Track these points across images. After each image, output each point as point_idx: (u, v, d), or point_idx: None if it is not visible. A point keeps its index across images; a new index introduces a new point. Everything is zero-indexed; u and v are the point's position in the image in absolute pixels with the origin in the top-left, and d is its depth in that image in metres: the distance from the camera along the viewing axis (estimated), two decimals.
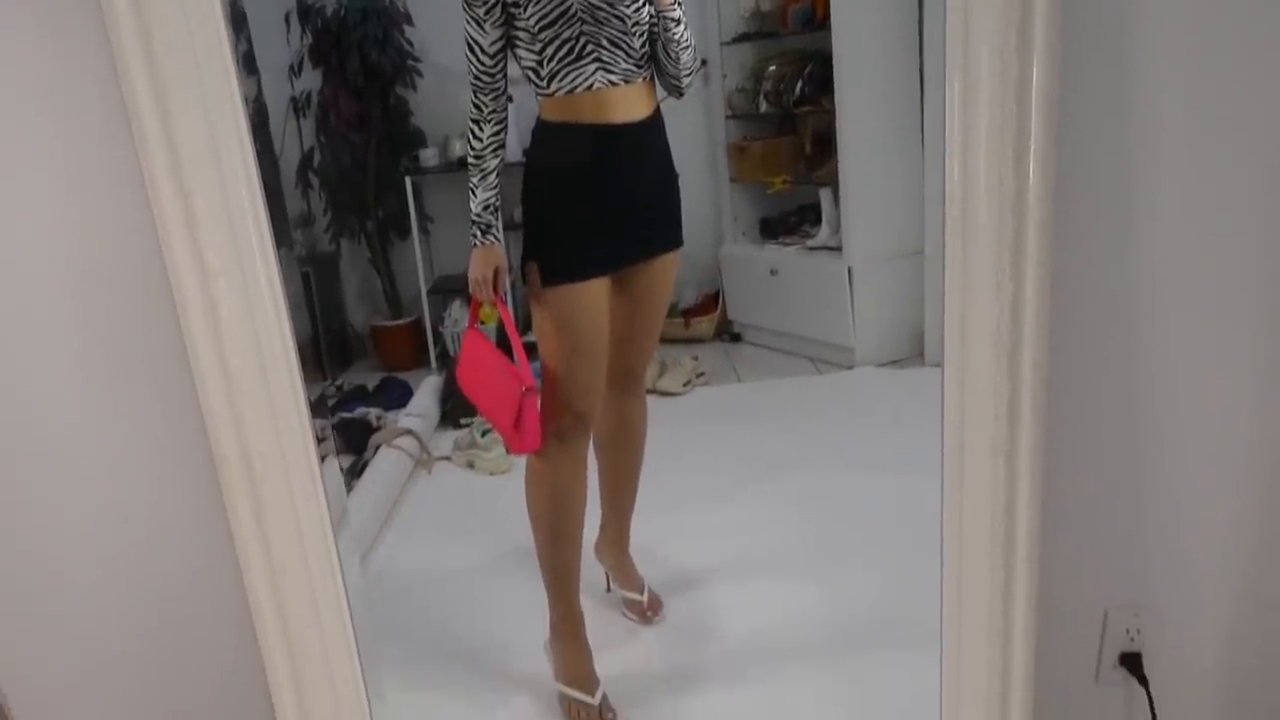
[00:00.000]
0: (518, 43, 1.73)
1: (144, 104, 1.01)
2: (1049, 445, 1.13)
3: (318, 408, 3.58)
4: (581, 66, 1.70)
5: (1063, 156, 1.10)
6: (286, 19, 3.92)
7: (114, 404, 1.22)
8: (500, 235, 1.83)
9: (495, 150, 1.79)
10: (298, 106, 4.03)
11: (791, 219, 4.27)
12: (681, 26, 1.77)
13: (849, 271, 3.77)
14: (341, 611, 1.16)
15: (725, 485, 2.79)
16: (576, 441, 1.84)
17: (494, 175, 1.79)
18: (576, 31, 1.68)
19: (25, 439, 1.23)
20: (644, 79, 1.77)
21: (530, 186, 1.80)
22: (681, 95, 1.86)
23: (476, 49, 1.73)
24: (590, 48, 1.69)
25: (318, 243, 4.29)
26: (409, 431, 3.06)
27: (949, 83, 1.03)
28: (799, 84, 3.88)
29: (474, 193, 1.79)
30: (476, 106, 1.78)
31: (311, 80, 4.01)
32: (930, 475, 1.23)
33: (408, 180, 3.99)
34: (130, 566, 1.29)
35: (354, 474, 2.90)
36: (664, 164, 1.86)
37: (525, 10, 1.67)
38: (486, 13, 1.70)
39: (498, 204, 1.81)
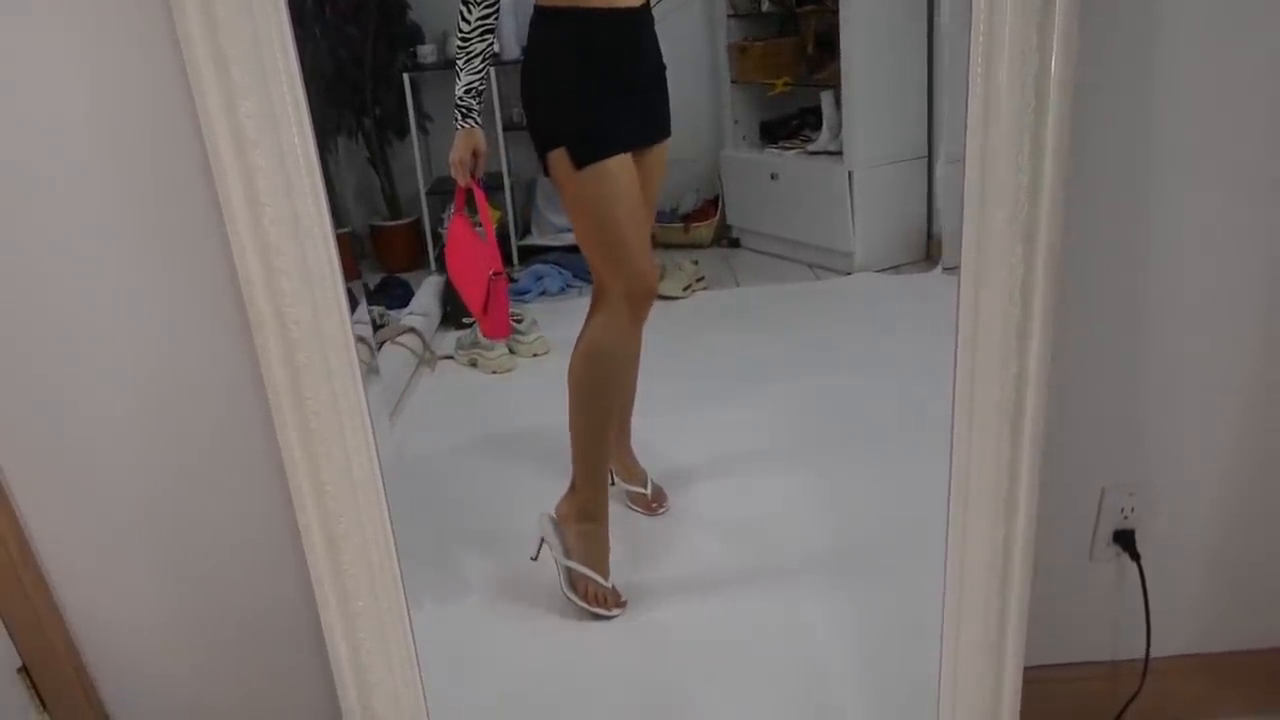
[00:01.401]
0: None
1: None
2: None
3: None
4: None
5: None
6: None
7: (146, 263, 1.24)
8: (479, 119, 1.88)
9: (482, 34, 1.81)
10: None
11: (792, 122, 4.24)
12: None
13: (849, 176, 3.76)
14: (375, 477, 1.20)
15: (725, 386, 2.83)
16: (644, 307, 1.90)
17: (479, 60, 1.82)
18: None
19: (56, 297, 1.25)
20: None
21: (536, 76, 1.81)
22: None
23: None
24: None
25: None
26: (412, 329, 3.08)
27: None
28: None
29: (459, 75, 1.83)
30: None
31: None
32: (930, 377, 1.26)
33: (405, 77, 3.93)
34: (162, 418, 1.33)
35: None
36: (657, 53, 1.89)
37: None
38: None
39: (481, 88, 1.85)
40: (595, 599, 1.87)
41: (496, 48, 1.89)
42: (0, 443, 1.32)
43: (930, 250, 3.94)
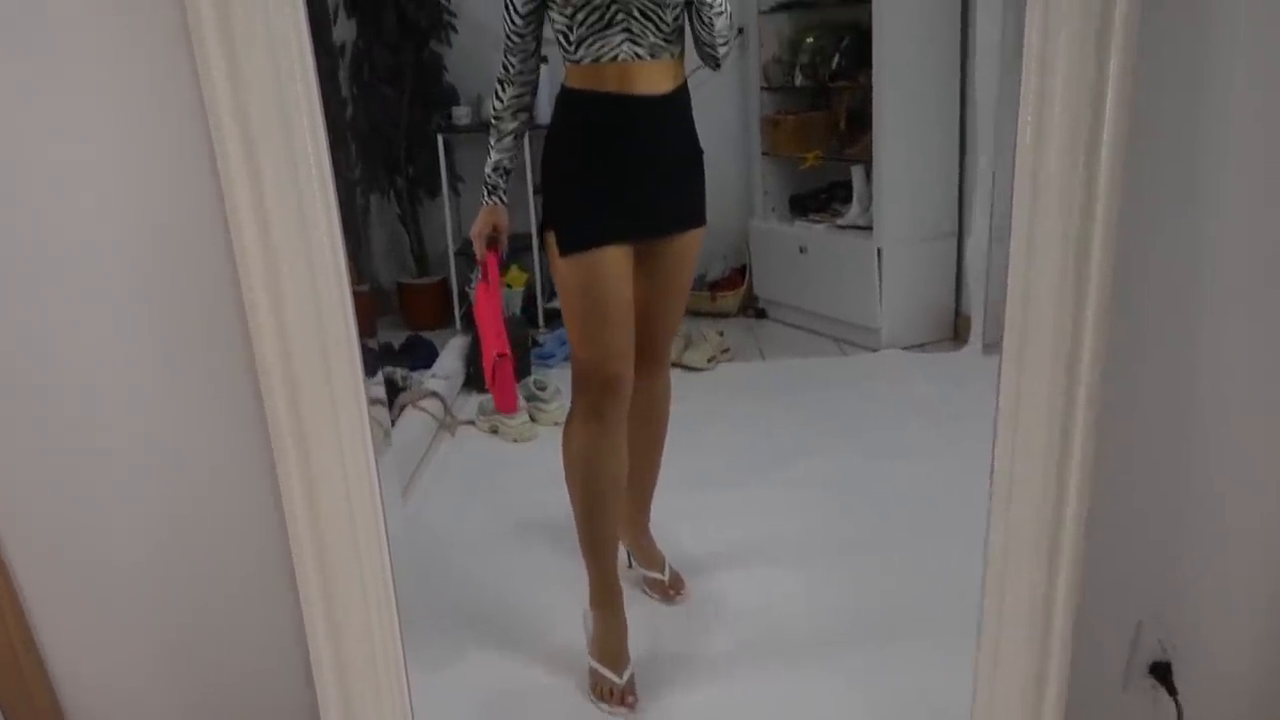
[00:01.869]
0: (551, 5, 1.71)
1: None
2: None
3: None
4: (609, 36, 1.68)
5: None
6: None
7: (166, 355, 1.23)
8: (505, 197, 1.87)
9: (515, 113, 1.82)
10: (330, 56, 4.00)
11: (822, 196, 4.24)
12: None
13: (878, 252, 3.74)
14: (382, 556, 1.17)
15: (747, 466, 2.79)
16: (610, 409, 1.82)
17: (510, 138, 1.83)
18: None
19: (75, 383, 1.24)
20: (672, 55, 1.75)
21: (548, 153, 1.80)
22: (718, 66, 1.82)
23: (510, 7, 1.74)
24: (620, 17, 1.67)
25: (345, 194, 4.27)
26: (434, 394, 3.06)
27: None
28: (835, 57, 3.83)
29: (489, 152, 1.84)
30: (504, 67, 1.80)
31: (346, 31, 3.97)
32: (954, 462, 1.22)
33: (439, 137, 3.97)
34: (174, 511, 1.30)
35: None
36: (687, 140, 1.84)
37: None
38: None
39: (509, 166, 1.84)
40: (605, 695, 1.82)
41: (532, 115, 1.90)
42: (8, 532, 1.30)
43: (958, 329, 3.91)
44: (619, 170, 1.76)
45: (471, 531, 2.51)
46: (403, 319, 4.41)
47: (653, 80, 1.73)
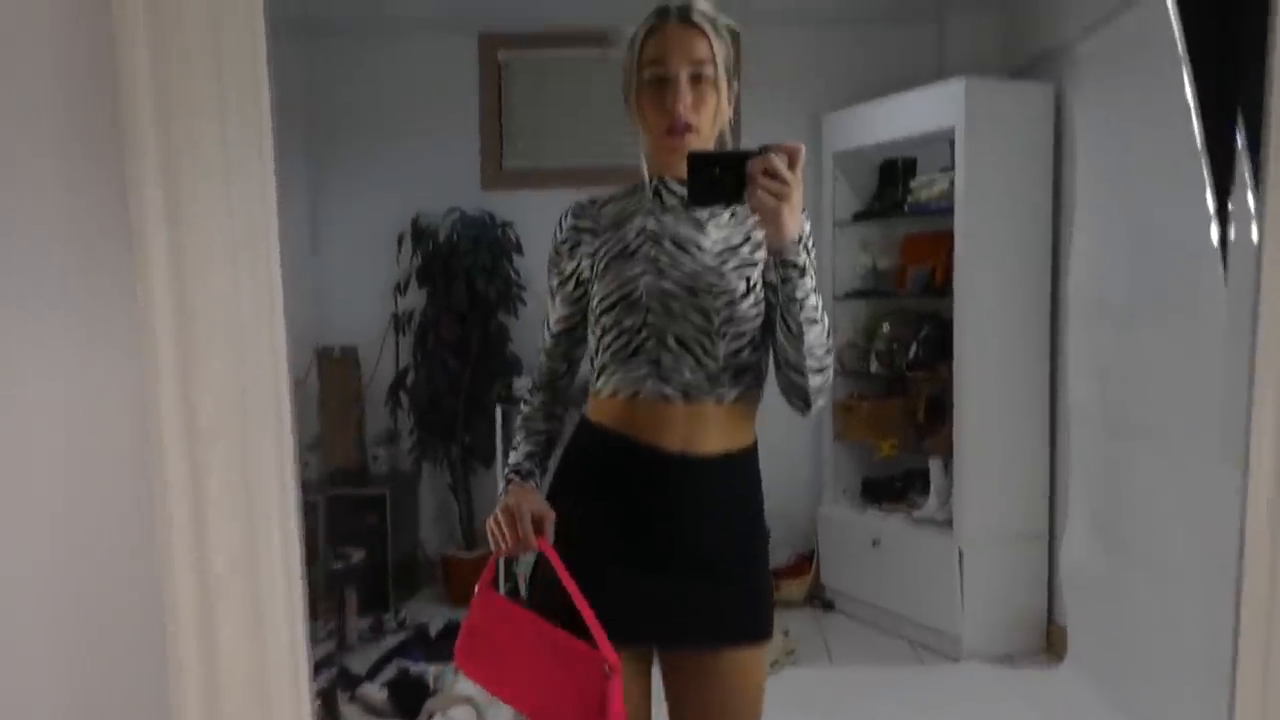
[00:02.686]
0: (592, 325, 1.50)
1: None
2: None
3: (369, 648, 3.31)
4: (632, 367, 1.42)
5: None
6: (399, 239, 3.95)
7: None
8: (540, 481, 1.51)
9: (548, 418, 1.57)
10: (399, 324, 3.99)
11: (897, 484, 3.98)
12: (808, 282, 1.35)
13: (959, 554, 3.42)
14: None
15: None
16: None
17: (542, 437, 1.55)
18: (639, 321, 1.40)
19: None
20: (720, 399, 1.41)
21: (554, 493, 1.49)
22: (808, 407, 1.42)
23: (546, 322, 1.58)
24: (650, 344, 1.41)
25: (399, 461, 4.15)
26: (468, 700, 2.75)
27: None
28: (913, 347, 3.68)
29: (516, 446, 1.54)
30: (539, 370, 1.59)
31: (416, 299, 3.98)
32: None
33: (498, 407, 3.85)
34: None
35: None
36: (739, 522, 1.45)
37: (593, 287, 1.47)
38: (560, 284, 1.53)
39: (544, 454, 1.54)
40: None
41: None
42: None
43: (1051, 640, 3.51)
44: (635, 545, 1.40)
45: None
46: (446, 592, 4.15)
47: (692, 432, 1.40)
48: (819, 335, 1.38)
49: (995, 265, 3.39)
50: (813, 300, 1.36)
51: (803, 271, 1.34)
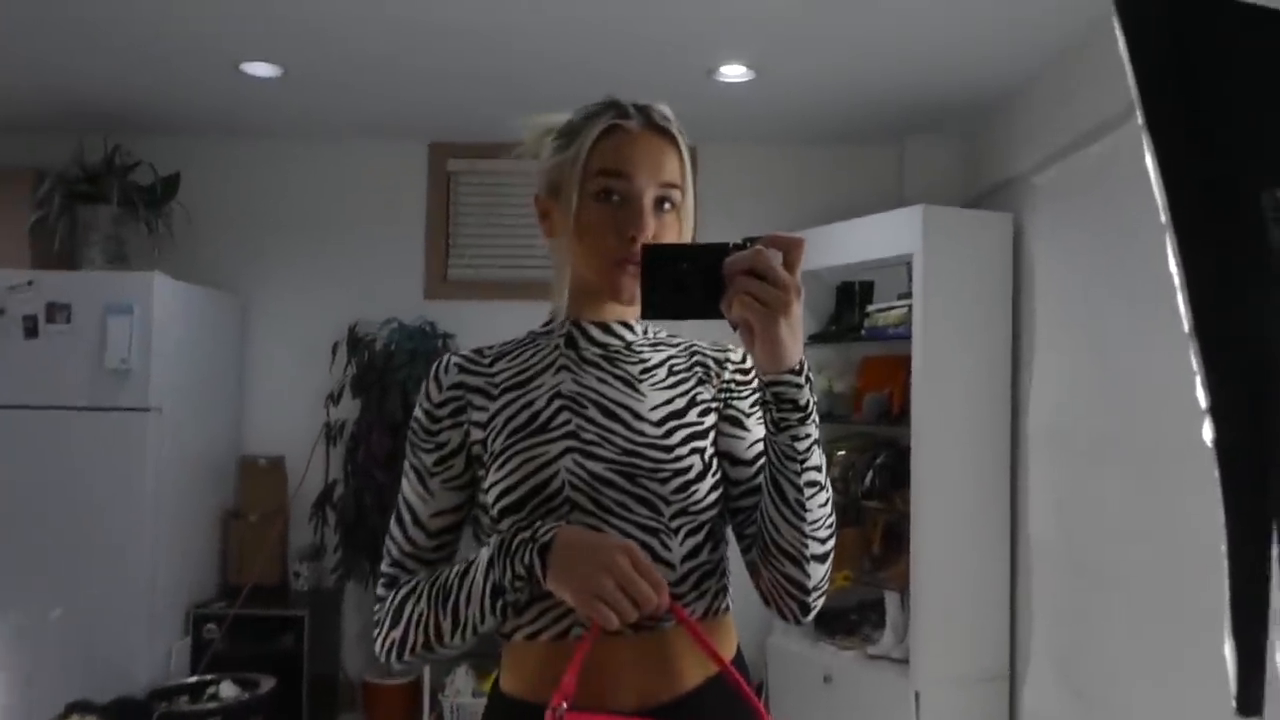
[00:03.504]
0: (477, 531, 1.14)
1: None
2: None
3: None
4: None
5: None
6: (334, 348, 3.79)
7: None
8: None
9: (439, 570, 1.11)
10: (330, 434, 3.79)
11: (851, 617, 3.79)
12: (812, 430, 1.01)
13: (916, 696, 3.22)
14: None
15: None
16: None
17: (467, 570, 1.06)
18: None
19: None
20: (676, 626, 1.04)
21: None
22: (806, 611, 1.08)
23: (404, 521, 1.12)
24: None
25: (323, 579, 3.89)
26: None
27: None
28: (869, 474, 3.54)
29: (445, 588, 1.05)
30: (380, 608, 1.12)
31: (349, 409, 3.80)
32: None
33: None
34: None
35: None
36: None
37: (487, 474, 1.08)
38: (438, 464, 1.11)
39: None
40: None
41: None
42: None
43: None
44: None
45: None
46: (366, 717, 3.86)
47: (644, 678, 1.05)
48: (824, 506, 1.03)
49: (953, 393, 3.29)
50: (817, 456, 1.02)
51: (805, 415, 0.99)
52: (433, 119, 3.84)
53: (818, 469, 1.02)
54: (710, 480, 1.09)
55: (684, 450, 1.09)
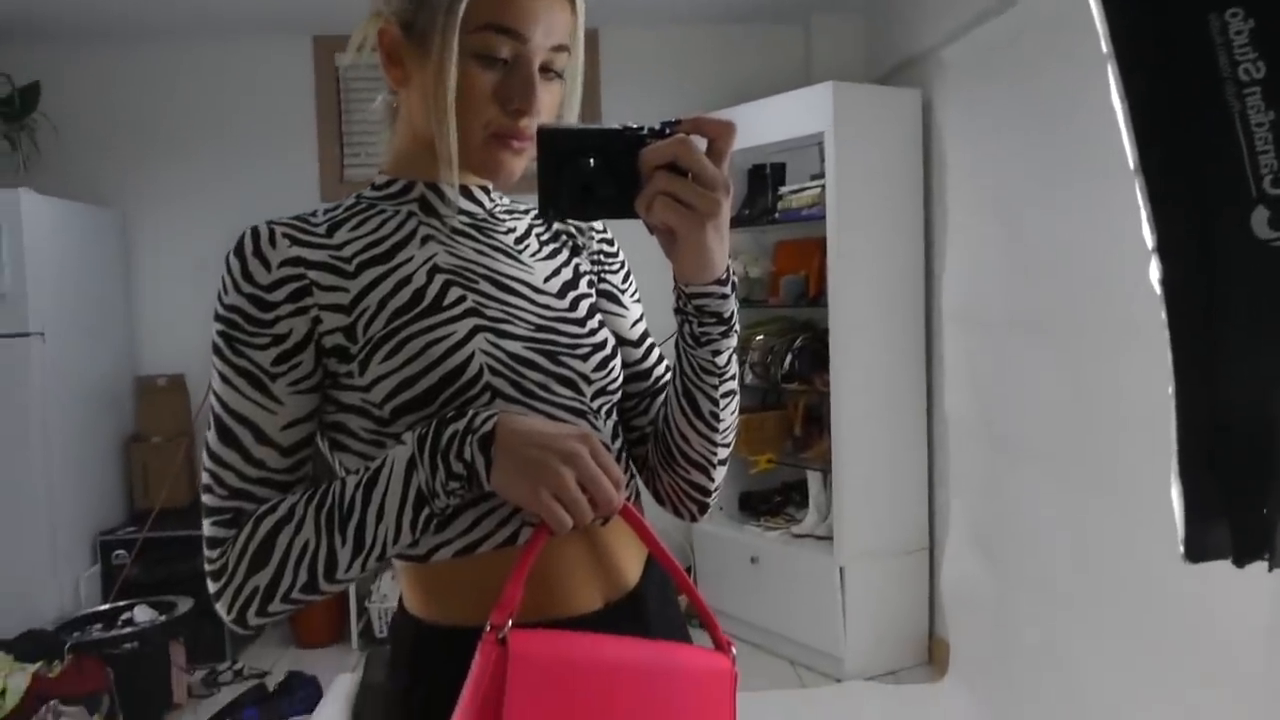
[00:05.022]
0: (345, 441, 0.92)
1: None
2: None
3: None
4: (492, 496, 0.88)
5: None
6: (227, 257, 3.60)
7: None
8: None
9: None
10: None
11: (776, 499, 3.86)
12: (733, 341, 0.94)
13: (840, 571, 3.30)
14: None
15: None
16: None
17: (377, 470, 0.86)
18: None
19: None
20: (627, 498, 0.89)
21: None
22: (704, 511, 1.04)
23: (244, 437, 0.87)
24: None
25: None
26: None
27: None
28: (789, 358, 3.55)
29: (377, 495, 0.84)
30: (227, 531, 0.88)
31: None
32: None
33: None
34: None
35: None
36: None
37: (362, 369, 0.88)
38: (281, 361, 0.87)
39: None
40: None
41: None
42: None
43: (933, 654, 3.43)
44: None
45: None
46: (292, 634, 3.80)
47: (607, 569, 0.94)
48: (735, 413, 0.98)
49: (868, 274, 3.29)
50: (734, 365, 0.95)
51: (729, 328, 0.92)
52: (315, 10, 3.59)
53: (734, 378, 0.96)
54: (618, 357, 1.00)
55: (594, 324, 0.99)
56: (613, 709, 0.81)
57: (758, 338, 3.66)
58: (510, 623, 0.78)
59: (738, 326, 0.94)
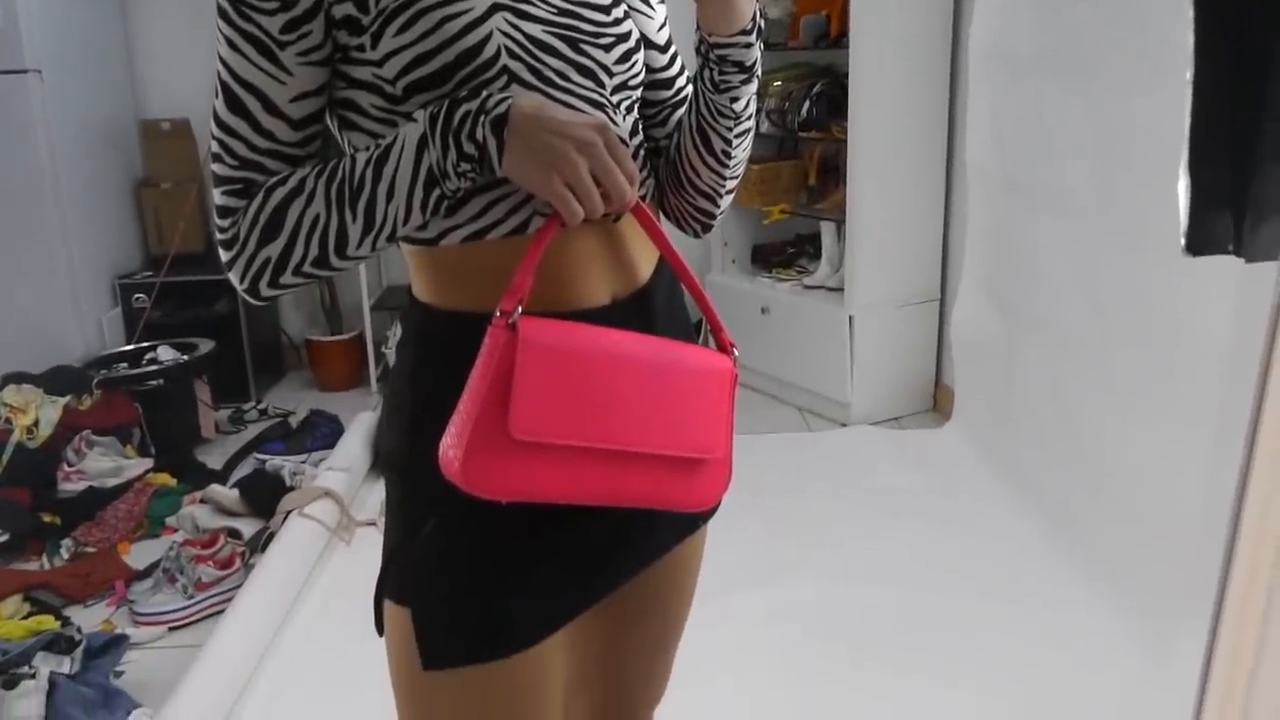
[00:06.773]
0: (355, 119, 0.88)
1: None
2: None
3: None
4: (503, 180, 0.84)
5: None
6: None
7: None
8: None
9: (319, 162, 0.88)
10: None
11: (788, 250, 3.83)
12: (754, 86, 0.93)
13: (850, 321, 3.33)
14: None
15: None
16: None
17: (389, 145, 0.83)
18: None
19: None
20: (642, 197, 0.90)
21: (406, 469, 0.90)
22: (706, 229, 1.05)
23: (252, 106, 0.84)
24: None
25: None
26: (327, 493, 2.58)
27: None
28: (806, 104, 3.42)
29: (389, 168, 0.82)
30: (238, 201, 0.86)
31: None
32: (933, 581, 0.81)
33: None
34: None
35: (257, 547, 2.43)
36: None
37: (375, 42, 0.82)
38: (291, 27, 0.81)
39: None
40: None
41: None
42: None
43: (938, 401, 3.52)
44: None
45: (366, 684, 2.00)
46: (313, 377, 3.93)
47: (619, 262, 0.91)
48: (746, 149, 0.98)
49: (893, 12, 3.10)
50: (752, 106, 0.94)
51: (750, 75, 0.90)
52: None
53: (750, 117, 0.95)
54: (643, 54, 0.95)
55: (620, 13, 0.92)
56: (618, 395, 0.82)
57: (775, 84, 3.51)
58: (520, 309, 0.78)
59: (759, 72, 0.91)
